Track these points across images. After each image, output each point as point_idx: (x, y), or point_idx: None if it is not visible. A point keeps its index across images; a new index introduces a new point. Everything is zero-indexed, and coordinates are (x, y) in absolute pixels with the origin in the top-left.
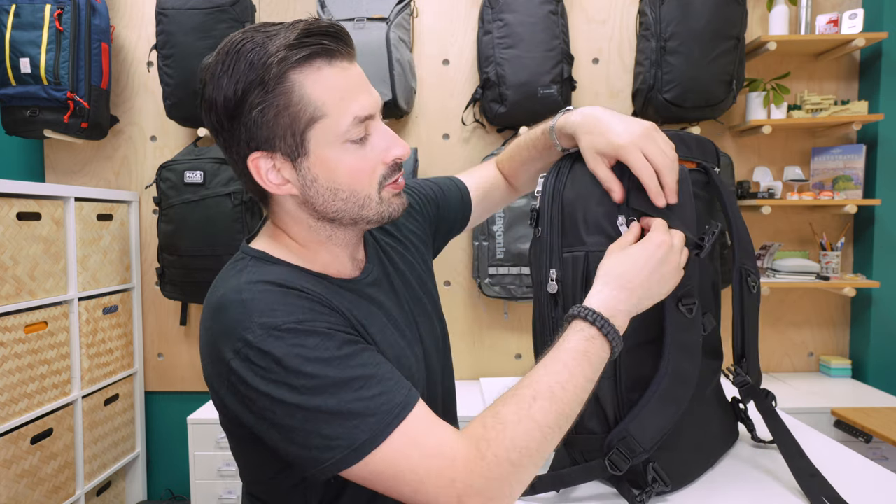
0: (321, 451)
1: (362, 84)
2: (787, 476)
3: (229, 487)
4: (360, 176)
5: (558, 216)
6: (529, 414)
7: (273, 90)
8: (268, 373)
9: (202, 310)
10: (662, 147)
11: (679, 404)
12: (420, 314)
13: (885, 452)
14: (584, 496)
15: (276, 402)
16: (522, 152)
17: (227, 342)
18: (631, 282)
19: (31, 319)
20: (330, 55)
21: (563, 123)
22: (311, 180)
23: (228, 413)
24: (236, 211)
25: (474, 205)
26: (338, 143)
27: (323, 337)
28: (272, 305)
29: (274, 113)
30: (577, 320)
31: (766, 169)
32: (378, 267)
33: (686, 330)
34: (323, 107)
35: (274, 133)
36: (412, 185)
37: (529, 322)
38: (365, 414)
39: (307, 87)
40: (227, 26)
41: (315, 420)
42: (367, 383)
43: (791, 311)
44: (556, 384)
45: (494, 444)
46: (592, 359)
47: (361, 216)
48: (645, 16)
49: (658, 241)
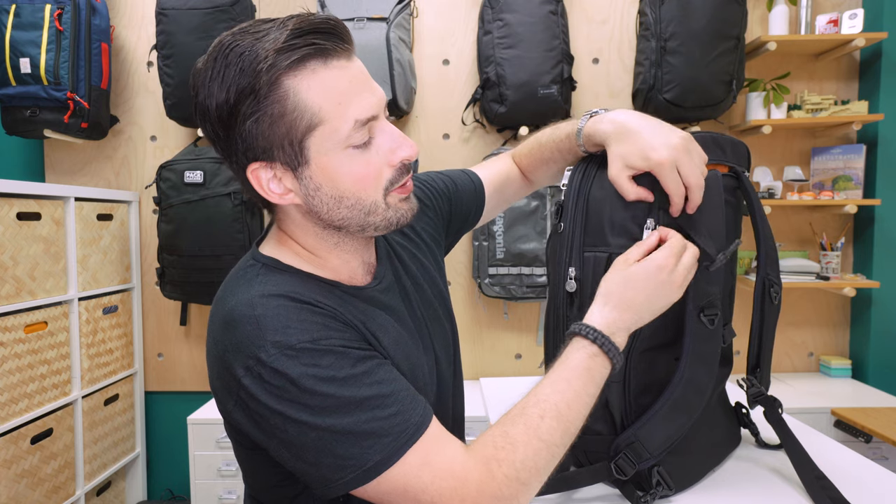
0: (332, 470)
1: (363, 82)
2: (790, 478)
3: (229, 487)
4: (366, 182)
5: (582, 213)
6: (538, 434)
7: (266, 98)
8: (281, 392)
9: (210, 316)
10: (697, 162)
11: (691, 414)
12: (432, 319)
13: (885, 452)
14: (588, 497)
15: (288, 420)
16: (544, 152)
17: (237, 358)
18: (632, 301)
19: (31, 319)
20: (324, 55)
21: (592, 132)
22: (313, 189)
23: (235, 425)
24: (236, 211)
25: (488, 198)
26: (339, 149)
27: (338, 356)
28: (286, 322)
29: (269, 123)
30: (579, 338)
31: (766, 169)
32: (390, 271)
33: (706, 341)
34: (320, 112)
35: (271, 143)
36: (424, 179)
37: (529, 322)
38: (379, 434)
39: (302, 93)
40: (226, 26)
41: (328, 440)
42: (383, 402)
43: (791, 311)
44: (562, 402)
45: (505, 465)
46: (595, 376)
47: (368, 223)
48: (645, 16)
49: (660, 264)
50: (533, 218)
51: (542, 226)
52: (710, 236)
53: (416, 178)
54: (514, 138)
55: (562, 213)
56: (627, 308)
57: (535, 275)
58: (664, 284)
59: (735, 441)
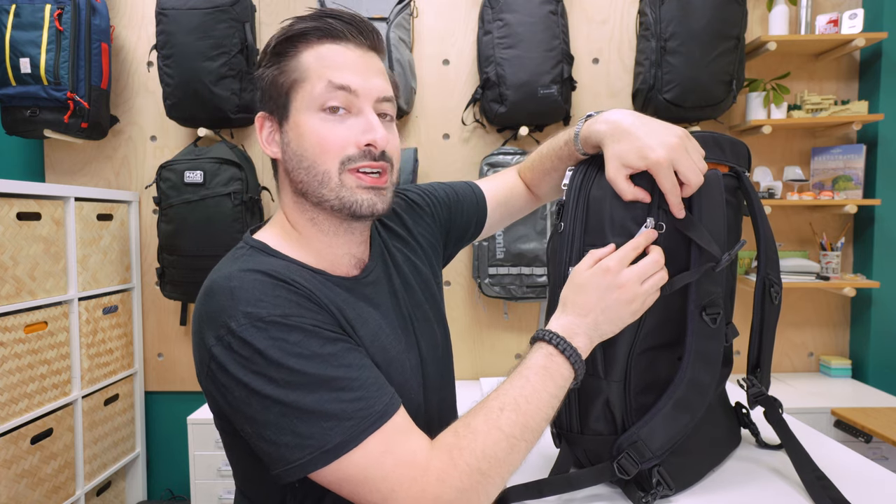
0: (291, 449)
1: (362, 67)
2: (791, 478)
3: (229, 487)
4: (325, 147)
5: (583, 212)
6: (497, 424)
7: (277, 54)
8: (248, 363)
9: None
10: (695, 160)
11: (693, 414)
12: (419, 319)
13: (885, 452)
14: (589, 496)
15: (252, 392)
16: (545, 162)
17: (211, 328)
18: (584, 306)
19: (31, 319)
20: (338, 37)
21: (588, 133)
22: (286, 144)
23: (212, 403)
24: (236, 211)
25: (491, 210)
26: (312, 108)
27: (307, 333)
28: (258, 296)
29: (273, 74)
30: (539, 342)
31: (766, 169)
32: (380, 267)
33: (709, 340)
34: (307, 72)
35: (269, 95)
36: (425, 188)
37: (529, 322)
38: (341, 416)
39: (302, 56)
40: (226, 26)
41: (289, 416)
42: (348, 385)
43: (791, 311)
44: (520, 397)
45: (467, 453)
46: (554, 375)
47: (322, 196)
48: (645, 16)
49: (602, 269)
50: (533, 218)
51: (542, 226)
52: (712, 236)
53: (417, 187)
54: (514, 138)
55: (562, 212)
56: (580, 312)
57: (535, 275)
58: (611, 288)
59: (735, 441)
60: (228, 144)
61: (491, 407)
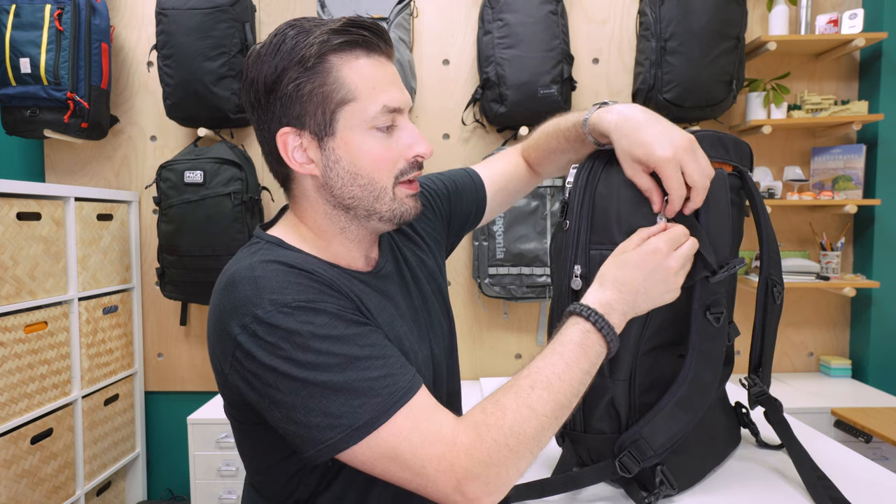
0: (322, 430)
1: (395, 80)
2: (792, 478)
3: (229, 487)
4: (381, 164)
5: (588, 211)
6: (527, 402)
7: (311, 68)
8: (275, 348)
9: (213, 290)
10: (702, 164)
11: (695, 412)
12: (428, 312)
13: (885, 452)
14: (591, 496)
15: (280, 376)
16: (551, 142)
17: (235, 317)
18: (626, 282)
19: (31, 319)
20: (369, 47)
21: (598, 121)
22: (333, 161)
23: (232, 394)
24: (236, 211)
25: (490, 196)
26: (364, 127)
27: (332, 316)
28: (282, 284)
29: (309, 89)
30: (574, 316)
31: (766, 169)
32: (391, 262)
33: (712, 339)
34: (355, 90)
35: (305, 110)
36: (424, 181)
37: (529, 322)
38: (369, 394)
39: (343, 71)
40: (226, 26)
41: (318, 396)
42: (374, 364)
43: (791, 311)
44: (553, 375)
45: (494, 430)
46: (588, 352)
47: (375, 209)
48: (645, 16)
49: (654, 247)
50: (533, 218)
51: (542, 226)
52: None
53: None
54: (514, 138)
55: (567, 210)
56: (622, 289)
57: (535, 275)
58: (659, 269)
59: (735, 441)
60: (228, 144)
61: (521, 385)
